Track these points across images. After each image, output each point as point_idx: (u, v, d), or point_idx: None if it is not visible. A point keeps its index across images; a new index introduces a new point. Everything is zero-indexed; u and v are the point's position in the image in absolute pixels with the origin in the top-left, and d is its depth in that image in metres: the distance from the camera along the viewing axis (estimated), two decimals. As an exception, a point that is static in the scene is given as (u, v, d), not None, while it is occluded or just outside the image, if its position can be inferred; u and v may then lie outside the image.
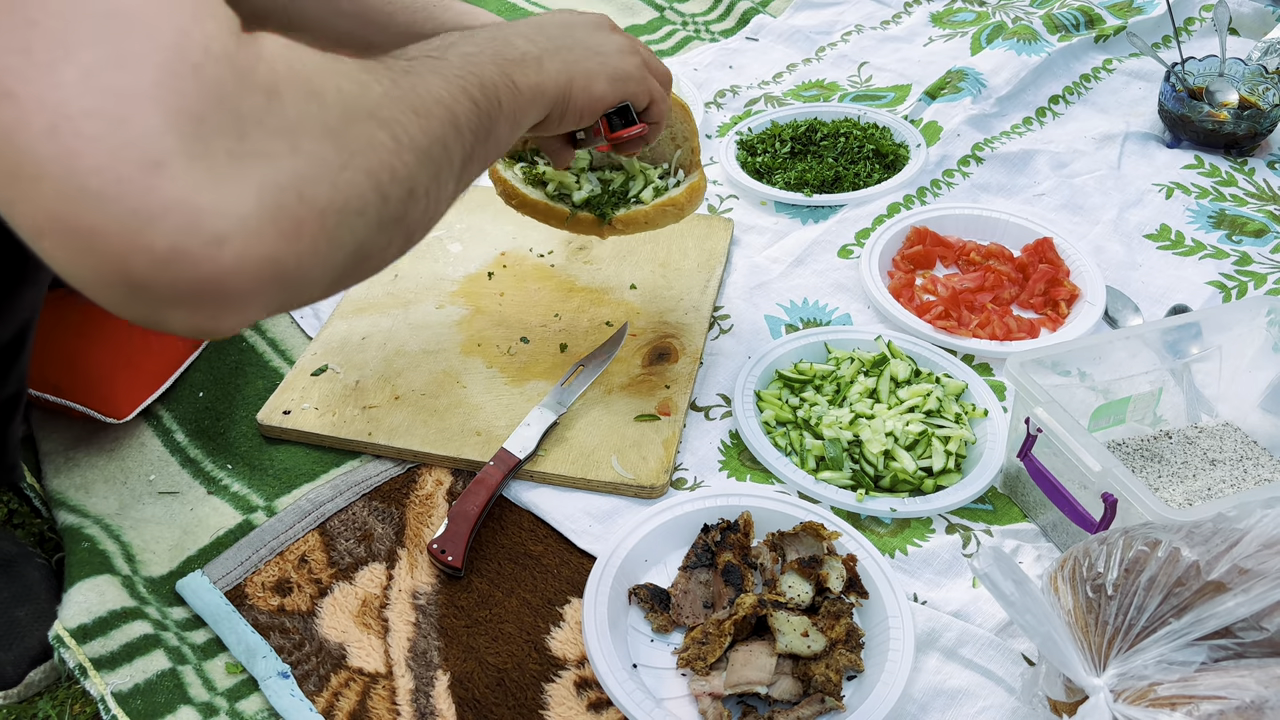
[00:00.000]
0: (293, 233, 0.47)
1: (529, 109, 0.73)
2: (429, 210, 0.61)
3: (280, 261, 0.47)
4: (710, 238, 1.26)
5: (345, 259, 0.52)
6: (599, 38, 0.81)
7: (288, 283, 0.49)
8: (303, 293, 0.51)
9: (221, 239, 0.45)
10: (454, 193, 0.65)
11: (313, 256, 0.49)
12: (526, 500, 0.96)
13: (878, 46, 1.73)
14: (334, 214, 0.50)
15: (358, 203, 0.51)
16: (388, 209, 0.54)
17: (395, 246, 0.58)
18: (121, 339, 1.02)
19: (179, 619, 0.87)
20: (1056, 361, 0.94)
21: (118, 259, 0.44)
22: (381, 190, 0.53)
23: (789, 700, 0.78)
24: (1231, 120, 1.41)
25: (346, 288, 0.58)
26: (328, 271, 0.51)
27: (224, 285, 0.46)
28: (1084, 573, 0.71)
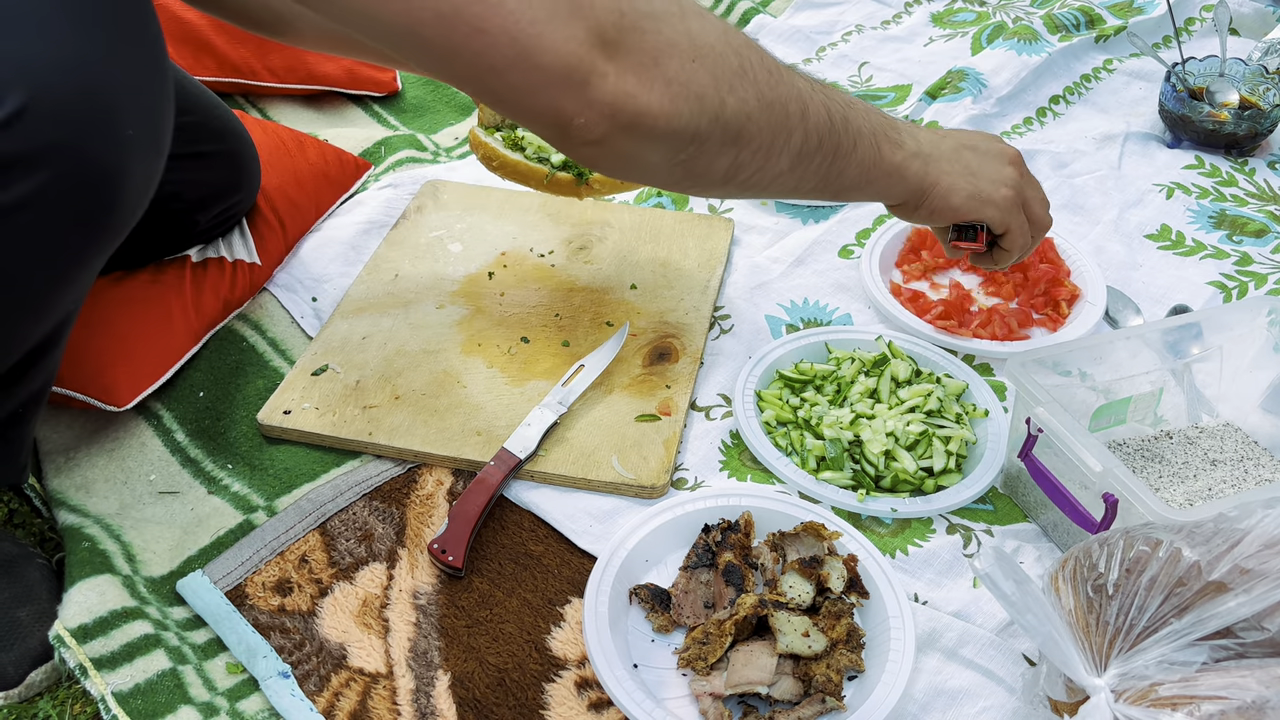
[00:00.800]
0: (648, 81, 0.67)
1: (881, 179, 0.86)
2: (758, 161, 0.76)
3: (654, 103, 0.68)
4: (711, 238, 1.26)
5: (684, 133, 0.70)
6: (986, 162, 0.92)
7: (643, 120, 0.68)
8: (650, 137, 0.69)
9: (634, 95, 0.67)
10: (784, 172, 0.78)
11: (659, 110, 0.68)
12: (527, 500, 0.96)
13: (878, 46, 1.73)
14: (679, 83, 0.68)
15: (698, 87, 0.69)
16: (724, 116, 0.71)
17: (723, 162, 0.74)
18: (122, 329, 1.02)
19: (179, 619, 0.87)
20: (1057, 362, 0.94)
21: (563, 113, 0.66)
22: (721, 95, 0.70)
23: (790, 700, 0.78)
24: (1232, 120, 1.41)
25: (678, 179, 0.76)
26: (669, 130, 0.69)
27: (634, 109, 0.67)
28: (1085, 573, 0.71)
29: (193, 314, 1.08)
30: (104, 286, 1.05)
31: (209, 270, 1.11)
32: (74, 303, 0.81)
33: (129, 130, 0.70)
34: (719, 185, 0.77)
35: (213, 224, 1.12)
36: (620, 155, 0.71)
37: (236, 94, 1.52)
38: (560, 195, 1.08)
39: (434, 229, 1.27)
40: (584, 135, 0.68)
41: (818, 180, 0.81)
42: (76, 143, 0.67)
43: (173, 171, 1.04)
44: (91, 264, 0.77)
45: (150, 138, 0.73)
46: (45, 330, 0.79)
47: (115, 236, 0.76)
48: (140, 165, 0.73)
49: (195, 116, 1.06)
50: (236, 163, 1.12)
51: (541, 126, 0.69)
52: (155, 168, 0.76)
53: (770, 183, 0.79)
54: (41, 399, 0.86)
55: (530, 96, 0.66)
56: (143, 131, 0.72)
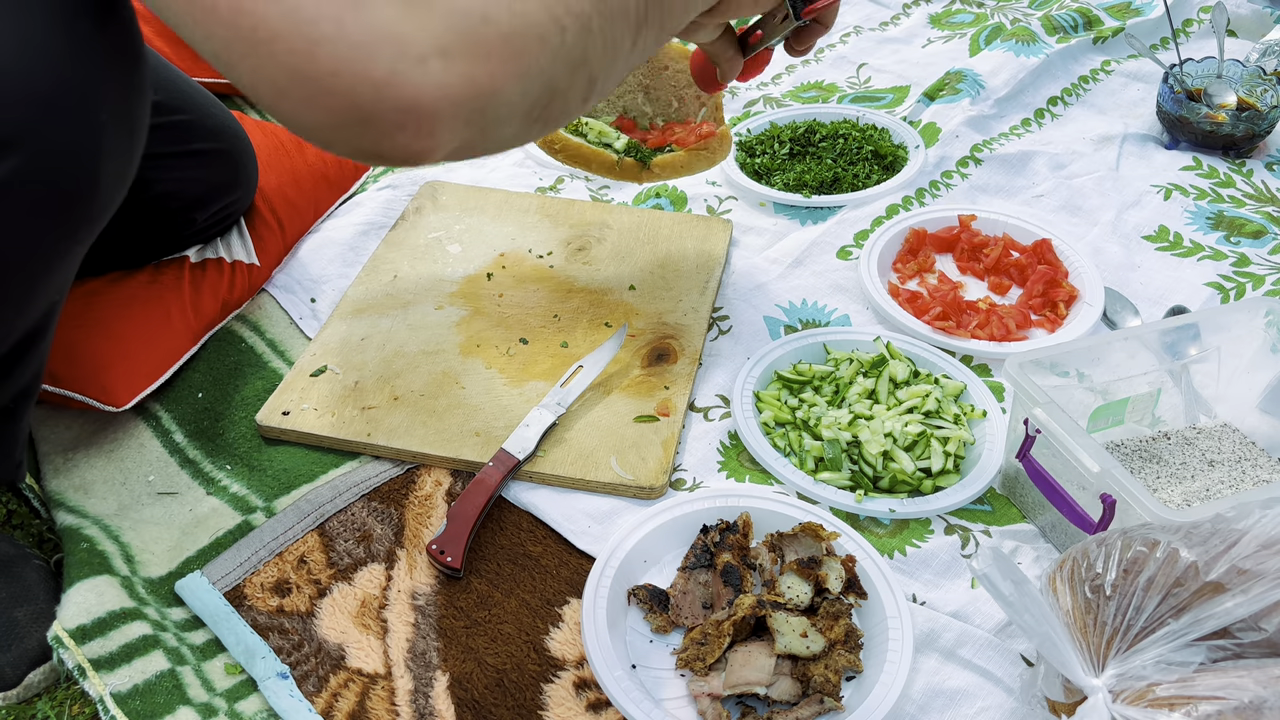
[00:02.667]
0: (482, 53, 0.55)
1: None
2: (608, 57, 0.64)
3: (475, 79, 0.55)
4: (709, 239, 1.26)
5: (535, 90, 0.59)
6: None
7: (485, 103, 0.56)
8: (500, 118, 0.58)
9: (423, 58, 0.53)
10: (630, 50, 0.67)
11: (503, 78, 0.56)
12: (525, 501, 0.96)
13: (876, 48, 1.73)
14: (516, 37, 0.56)
15: (536, 29, 0.58)
16: (566, 41, 0.60)
17: (579, 88, 0.63)
18: (120, 330, 1.02)
19: (178, 620, 0.87)
20: (1055, 362, 0.94)
21: (348, 93, 0.53)
22: (558, 20, 0.59)
23: (788, 701, 0.78)
24: (1230, 122, 1.41)
25: (543, 129, 0.64)
26: (521, 99, 0.58)
27: (431, 102, 0.54)
28: (1082, 573, 0.71)
29: (191, 314, 1.08)
30: (102, 287, 1.06)
31: (207, 271, 1.11)
32: (58, 293, 0.80)
33: (102, 115, 0.69)
34: (578, 111, 0.67)
35: (210, 223, 1.12)
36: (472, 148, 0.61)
37: (235, 95, 1.52)
38: (624, 180, 1.11)
39: (433, 230, 1.27)
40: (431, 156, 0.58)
41: (655, 34, 0.70)
42: (48, 126, 0.66)
43: (168, 170, 1.05)
44: (72, 253, 0.77)
45: (125, 122, 0.73)
46: (29, 323, 0.78)
47: (94, 223, 0.75)
48: (115, 150, 0.72)
49: (190, 115, 1.06)
50: (233, 161, 1.12)
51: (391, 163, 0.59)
52: (131, 152, 0.75)
53: (621, 73, 0.68)
54: (31, 395, 0.86)
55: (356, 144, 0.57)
56: (117, 115, 0.71)
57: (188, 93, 1.08)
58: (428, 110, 0.55)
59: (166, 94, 1.04)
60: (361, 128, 0.55)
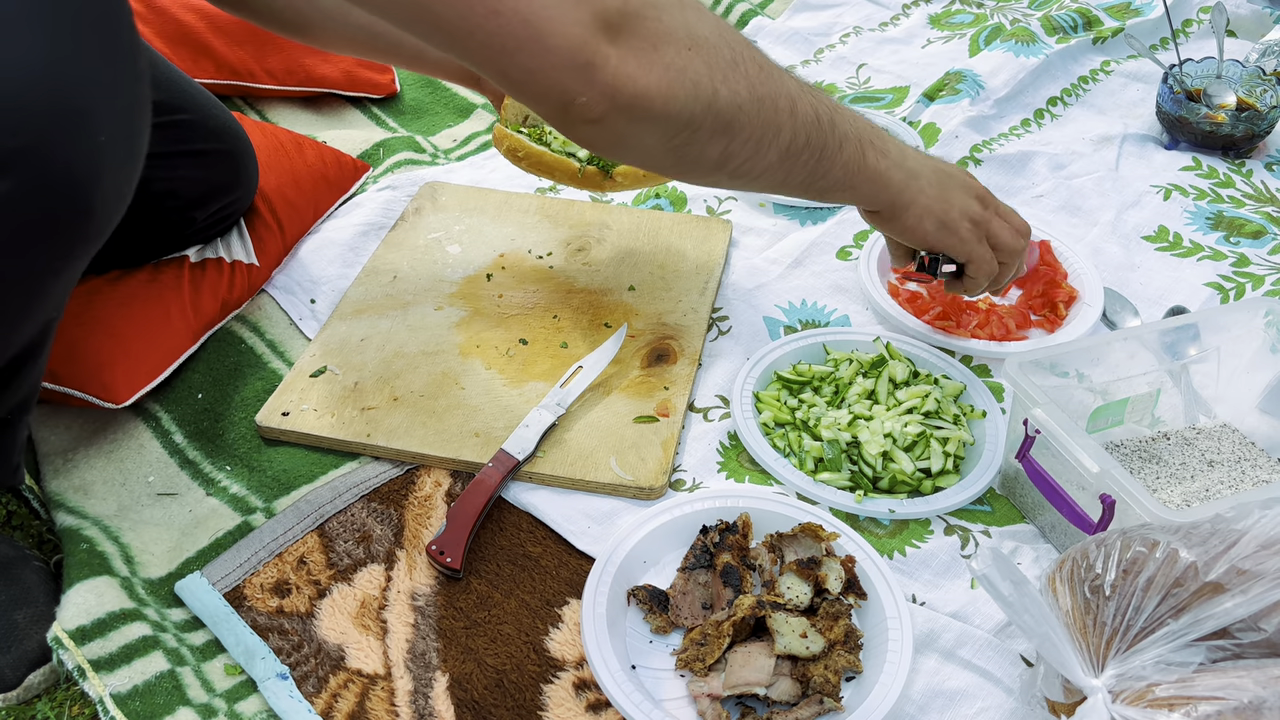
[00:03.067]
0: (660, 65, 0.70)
1: (864, 184, 0.89)
2: (747, 151, 0.79)
3: (641, 78, 0.70)
4: (709, 239, 1.26)
5: (679, 119, 0.73)
6: (959, 194, 0.95)
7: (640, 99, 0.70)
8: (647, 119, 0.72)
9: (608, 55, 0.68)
10: (773, 165, 0.81)
11: (660, 90, 0.71)
12: (525, 501, 0.96)
13: (876, 48, 1.73)
14: (676, 69, 0.71)
15: (693, 75, 0.72)
16: (716, 105, 0.74)
17: (715, 150, 0.77)
18: (120, 328, 1.02)
19: (178, 620, 0.87)
20: (1055, 363, 0.94)
21: (567, 92, 0.69)
22: (714, 85, 0.73)
23: (788, 701, 0.78)
24: (1229, 122, 1.41)
25: (673, 161, 0.78)
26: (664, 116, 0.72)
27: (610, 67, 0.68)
28: (1082, 574, 0.71)
29: (191, 313, 1.08)
30: (102, 285, 1.06)
31: (207, 271, 1.11)
32: (54, 310, 0.80)
33: (101, 135, 0.69)
34: (710, 172, 0.80)
35: (210, 222, 1.12)
36: (617, 135, 0.73)
37: (235, 96, 1.53)
38: (586, 189, 1.11)
39: (432, 231, 1.27)
40: (584, 114, 0.70)
41: (804, 176, 0.85)
42: (45, 147, 0.66)
43: (168, 169, 1.05)
44: (67, 272, 0.76)
45: (124, 143, 0.72)
46: (24, 340, 0.78)
47: (91, 243, 0.74)
48: (114, 171, 0.71)
49: (191, 115, 1.06)
50: (233, 161, 1.12)
51: (545, 105, 0.71)
52: (130, 173, 0.74)
53: (760, 175, 0.82)
54: (28, 406, 0.86)
55: (538, 76, 0.69)
56: (116, 136, 0.70)
57: (189, 93, 1.08)
58: (596, 75, 0.68)
59: (167, 94, 1.04)
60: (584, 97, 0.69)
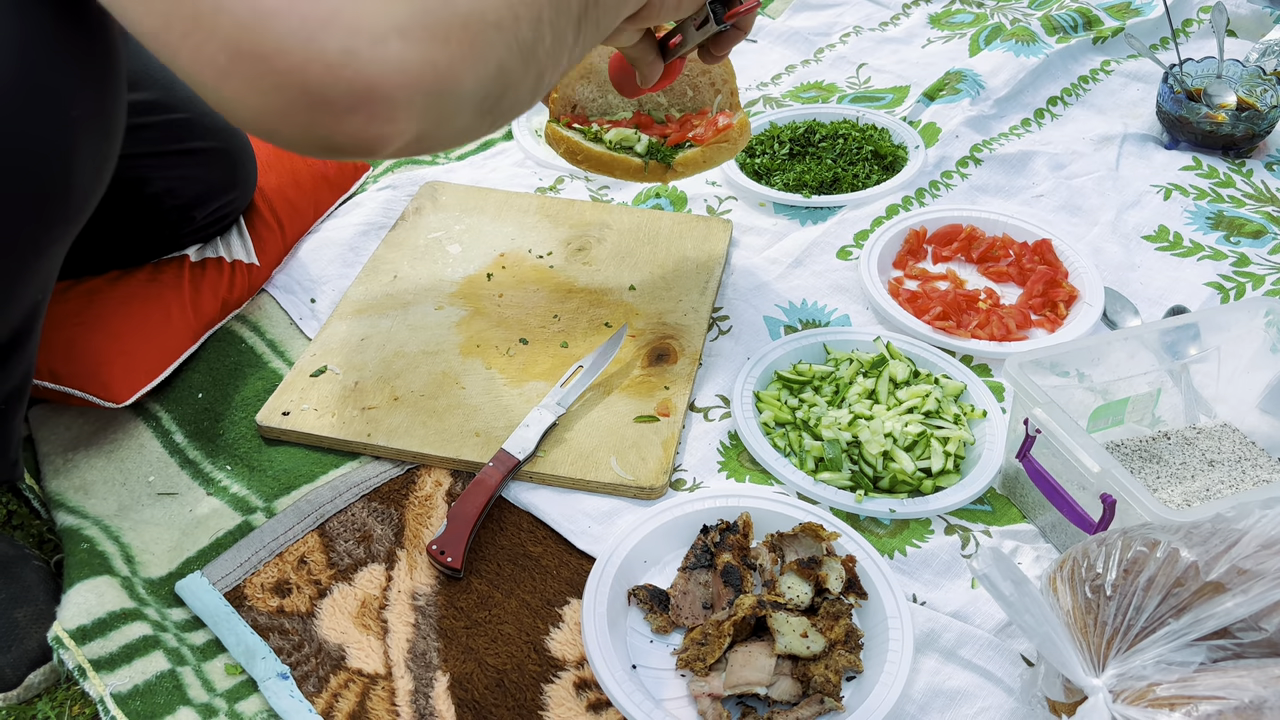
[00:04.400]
0: (442, 36, 0.53)
1: None
2: (555, 52, 0.64)
3: (435, 63, 0.53)
4: (709, 239, 1.26)
5: (489, 76, 0.57)
6: None
7: (442, 90, 0.54)
8: (456, 107, 0.56)
9: (382, 38, 0.51)
10: (573, 47, 0.66)
11: (461, 63, 0.55)
12: (526, 501, 0.96)
13: (876, 48, 1.73)
14: (475, 22, 0.55)
15: (494, 15, 0.56)
16: (521, 32, 0.59)
17: (529, 82, 0.62)
18: (120, 327, 1.02)
19: (178, 620, 0.87)
20: (1055, 362, 0.94)
21: (297, 72, 0.49)
22: (513, 9, 0.58)
23: (788, 701, 0.78)
24: (1229, 122, 1.41)
25: (493, 124, 0.62)
26: (476, 86, 0.56)
27: (389, 85, 0.51)
28: (1083, 573, 0.71)
29: (191, 313, 1.08)
30: (102, 285, 1.06)
31: (207, 270, 1.11)
32: (40, 293, 0.80)
33: (74, 110, 0.68)
34: (525, 107, 0.66)
35: (209, 221, 1.12)
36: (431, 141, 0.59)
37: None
38: (649, 182, 1.11)
39: (432, 230, 1.27)
40: (389, 144, 0.55)
41: (593, 31, 0.70)
42: (16, 124, 0.65)
43: (166, 168, 1.04)
44: (49, 251, 0.76)
45: (98, 119, 0.71)
46: (13, 323, 0.78)
47: (71, 222, 0.74)
48: (89, 146, 0.71)
49: (188, 113, 1.06)
50: (231, 159, 1.12)
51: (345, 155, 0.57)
52: (107, 150, 0.74)
53: (564, 69, 0.68)
54: (23, 395, 0.86)
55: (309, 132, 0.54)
56: (89, 112, 0.70)
57: (184, 91, 1.08)
58: (384, 93, 0.51)
59: (164, 92, 1.03)
60: (312, 112, 0.51)
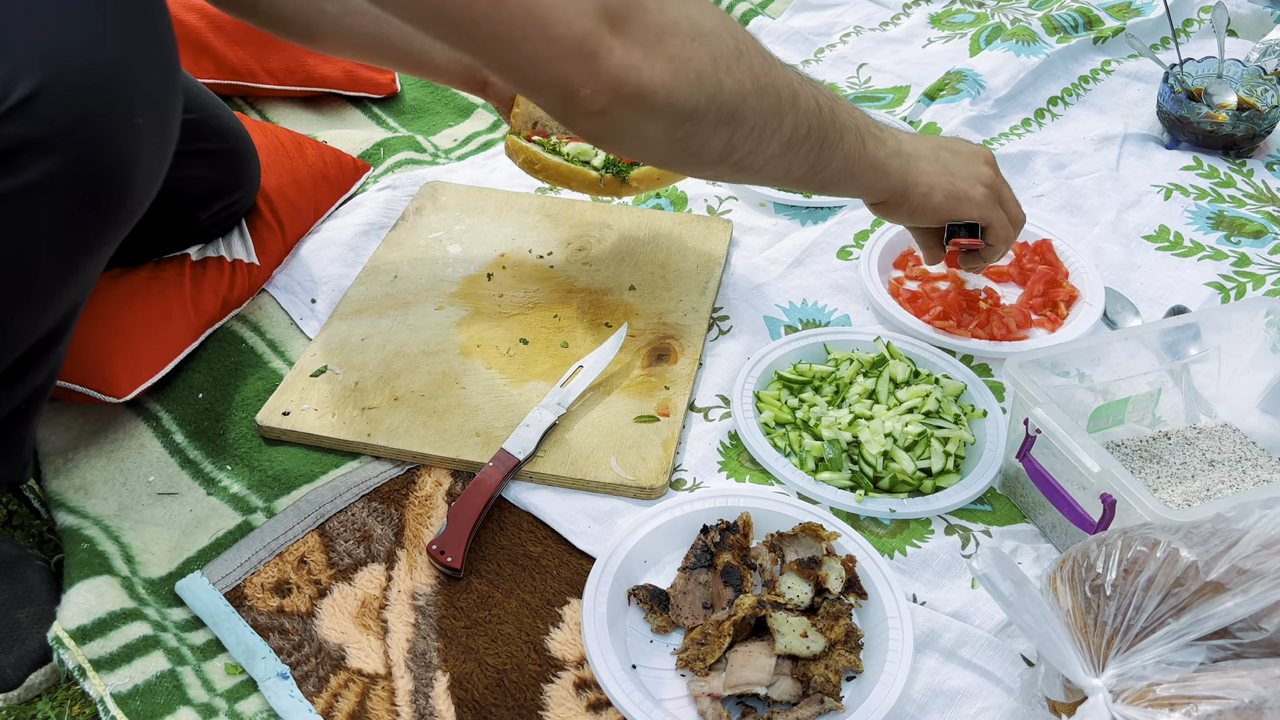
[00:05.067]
0: (661, 56, 0.70)
1: (865, 173, 0.89)
2: (750, 143, 0.78)
3: (643, 71, 0.69)
4: (709, 239, 1.26)
5: (682, 111, 0.72)
6: (961, 162, 0.96)
7: (643, 90, 0.70)
8: (651, 112, 0.71)
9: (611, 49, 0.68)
10: (776, 156, 0.81)
11: (663, 83, 0.70)
12: (526, 501, 0.96)
13: (876, 48, 1.73)
14: (680, 60, 0.71)
15: (697, 65, 0.72)
16: (720, 96, 0.74)
17: (718, 141, 0.77)
18: (121, 324, 1.02)
19: (178, 620, 0.87)
20: (1055, 362, 0.94)
21: (570, 83, 0.68)
22: (719, 76, 0.73)
23: (788, 701, 0.78)
24: (1230, 122, 1.41)
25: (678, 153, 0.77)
26: (668, 107, 0.71)
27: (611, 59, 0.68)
28: (1083, 573, 0.71)
29: (192, 311, 1.08)
30: (104, 282, 1.06)
31: (208, 269, 1.11)
32: (81, 294, 0.81)
33: (138, 118, 0.71)
34: (714, 164, 0.80)
35: (213, 221, 1.12)
36: (620, 127, 0.73)
37: (235, 96, 1.53)
38: (603, 196, 1.13)
39: (433, 230, 1.27)
40: (588, 106, 0.70)
41: (806, 168, 0.84)
42: (88, 128, 0.68)
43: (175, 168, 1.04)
44: (99, 253, 0.78)
45: (159, 126, 0.74)
46: (51, 323, 0.79)
47: (123, 225, 0.77)
48: (148, 153, 0.74)
49: (197, 114, 1.07)
50: (237, 160, 1.13)
51: (548, 97, 0.71)
52: (163, 157, 0.77)
53: (762, 166, 0.82)
54: (44, 395, 0.86)
55: (542, 67, 0.68)
56: (151, 120, 0.73)
57: (194, 93, 1.08)
58: (599, 66, 0.67)
59: None
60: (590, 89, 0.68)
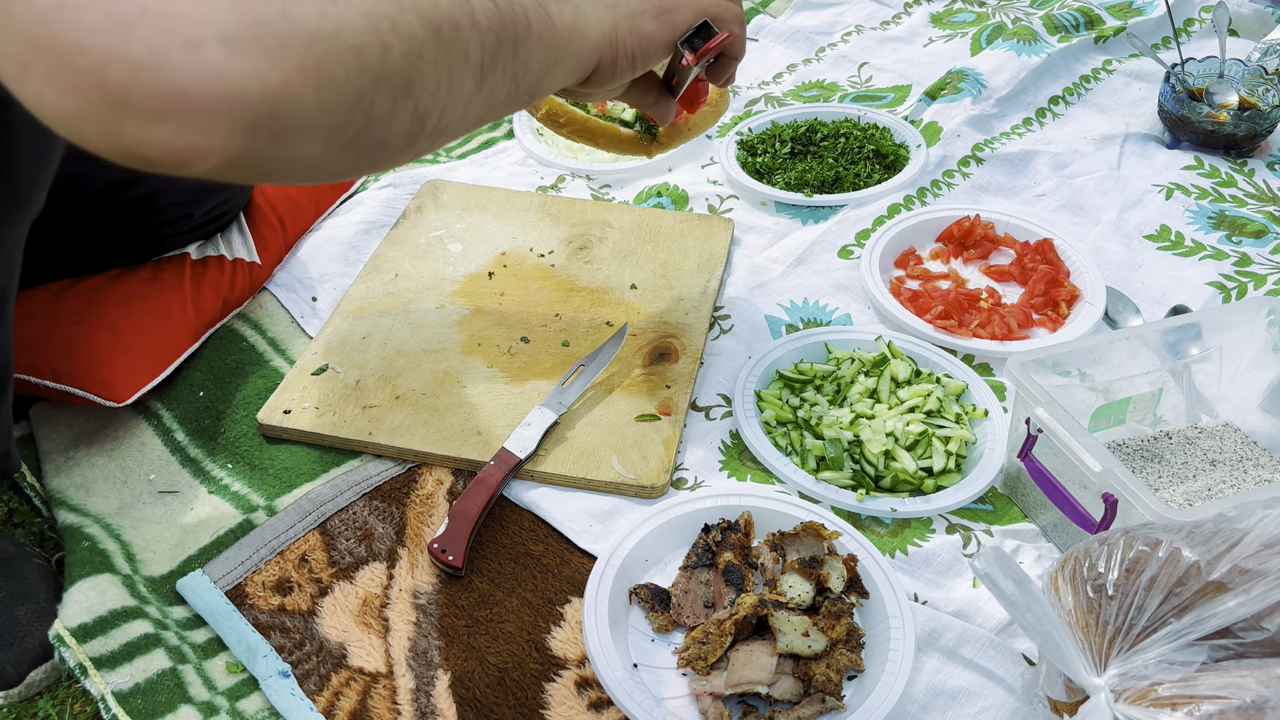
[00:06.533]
0: (278, 49, 0.47)
1: (567, 46, 0.70)
2: (443, 96, 0.59)
3: (265, 77, 0.46)
4: (710, 238, 1.26)
5: (343, 105, 0.51)
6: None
7: (274, 107, 0.47)
8: (296, 130, 0.49)
9: (199, 43, 0.45)
10: (475, 94, 0.62)
11: (302, 84, 0.48)
12: (527, 500, 0.96)
13: (878, 47, 1.73)
14: (324, 41, 0.49)
15: (352, 39, 0.50)
16: (390, 62, 0.53)
17: (403, 120, 0.56)
18: (120, 326, 1.02)
19: (179, 618, 0.87)
20: (1057, 362, 0.94)
21: (98, 71, 0.44)
22: (381, 37, 0.52)
23: (790, 700, 0.78)
24: (1231, 121, 1.41)
25: (364, 161, 0.56)
26: (321, 112, 0.50)
27: (201, 93, 0.45)
28: (1084, 573, 0.71)
29: (192, 311, 1.08)
30: (103, 284, 1.06)
31: (208, 268, 1.11)
32: (3, 278, 0.78)
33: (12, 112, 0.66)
34: (405, 148, 0.59)
35: (208, 218, 1.12)
36: (262, 165, 0.51)
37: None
38: (631, 154, 1.08)
39: (434, 229, 1.27)
40: (191, 165, 0.48)
41: (508, 86, 0.66)
42: None
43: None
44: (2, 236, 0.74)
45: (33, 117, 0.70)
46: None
47: (17, 206, 0.71)
48: (27, 130, 0.66)
49: None
50: None
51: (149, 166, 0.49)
52: (48, 146, 0.72)
53: (461, 116, 0.63)
54: (4, 386, 0.85)
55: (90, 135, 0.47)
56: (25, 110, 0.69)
57: None
58: (195, 100, 0.45)
59: None
60: (114, 115, 0.45)
